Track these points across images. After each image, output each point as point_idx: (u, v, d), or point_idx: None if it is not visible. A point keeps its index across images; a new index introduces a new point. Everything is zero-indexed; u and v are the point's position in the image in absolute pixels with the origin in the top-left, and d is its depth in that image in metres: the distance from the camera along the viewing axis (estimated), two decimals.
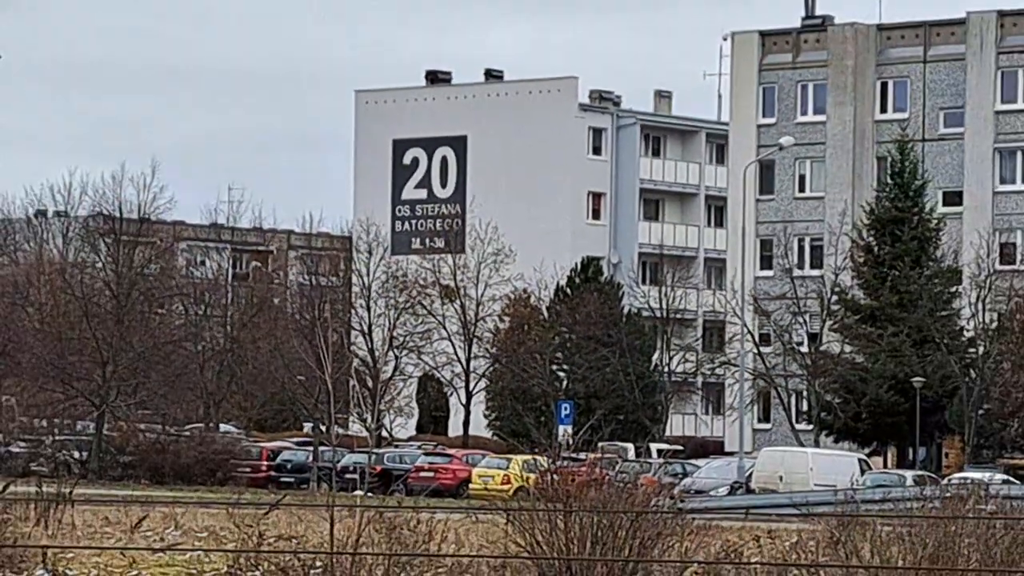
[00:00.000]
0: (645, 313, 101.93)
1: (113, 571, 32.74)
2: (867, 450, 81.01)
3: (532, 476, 47.04)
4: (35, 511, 36.99)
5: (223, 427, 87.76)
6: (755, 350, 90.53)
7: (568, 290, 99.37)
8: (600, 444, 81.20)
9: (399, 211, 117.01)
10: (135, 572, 32.95)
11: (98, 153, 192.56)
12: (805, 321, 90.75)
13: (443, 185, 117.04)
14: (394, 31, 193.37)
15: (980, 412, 79.63)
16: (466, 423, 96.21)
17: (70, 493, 41.07)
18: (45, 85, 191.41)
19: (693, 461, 79.02)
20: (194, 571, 32.07)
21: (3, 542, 31.14)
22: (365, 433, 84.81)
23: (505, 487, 62.44)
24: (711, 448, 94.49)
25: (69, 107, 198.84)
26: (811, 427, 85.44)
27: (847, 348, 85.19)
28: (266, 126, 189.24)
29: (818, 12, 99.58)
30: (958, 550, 25.14)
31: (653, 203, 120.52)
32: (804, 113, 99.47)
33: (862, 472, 68.32)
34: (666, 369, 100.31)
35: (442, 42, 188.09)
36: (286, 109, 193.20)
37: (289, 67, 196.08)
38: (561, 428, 79.59)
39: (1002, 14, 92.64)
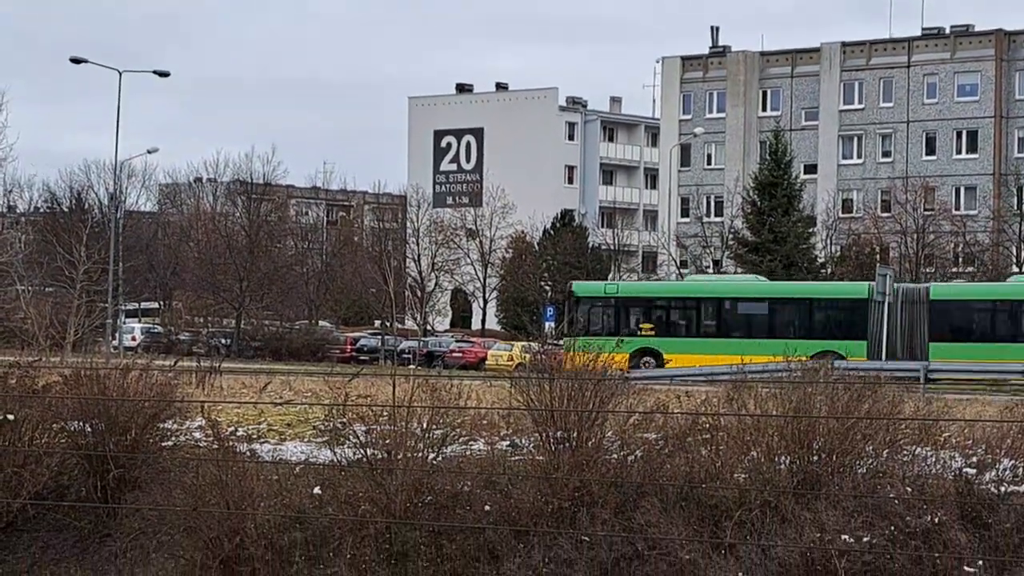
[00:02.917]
0: (603, 247, 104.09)
1: (247, 418, 32.74)
2: None
3: (528, 356, 46.63)
4: (195, 378, 37.16)
5: (321, 323, 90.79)
6: (677, 272, 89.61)
7: (551, 232, 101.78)
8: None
9: (438, 179, 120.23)
10: (263, 419, 32.53)
11: (236, 138, 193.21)
12: (711, 252, 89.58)
13: (467, 161, 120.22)
14: (432, 54, 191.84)
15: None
16: (483, 320, 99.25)
17: (219, 366, 41.24)
18: (203, 91, 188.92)
19: None
20: (302, 419, 31.79)
21: (175, 399, 30.63)
22: (415, 327, 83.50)
23: (509, 363, 62.23)
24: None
25: (217, 106, 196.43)
26: None
27: (739, 270, 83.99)
28: (348, 119, 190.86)
29: (720, 43, 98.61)
30: (813, 404, 24.86)
31: (608, 173, 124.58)
32: (711, 112, 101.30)
33: None
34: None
35: (467, 62, 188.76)
36: (360, 108, 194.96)
37: (361, 79, 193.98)
38: (547, 324, 79.32)
39: (844, 44, 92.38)
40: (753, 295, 57.40)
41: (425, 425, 28.18)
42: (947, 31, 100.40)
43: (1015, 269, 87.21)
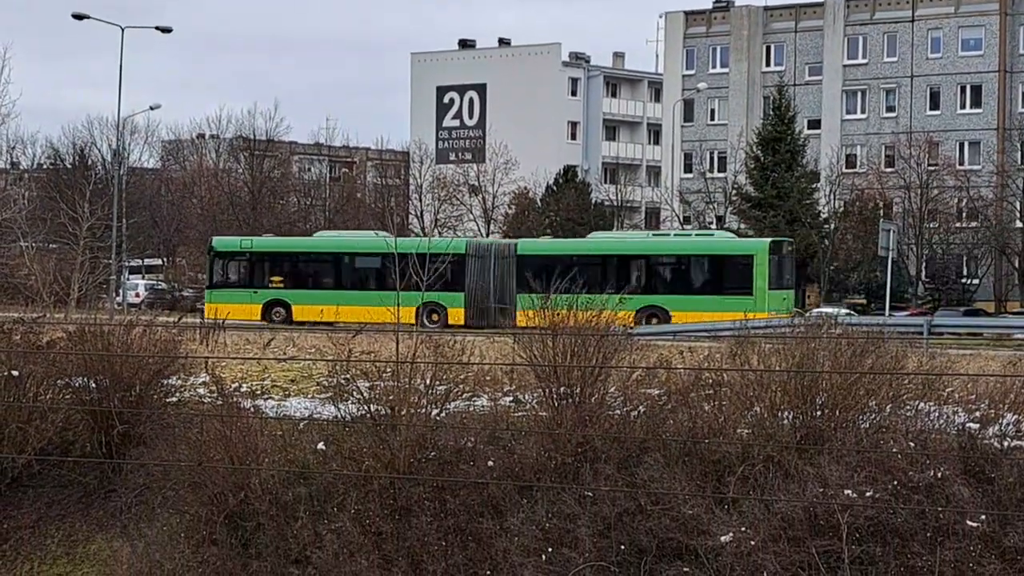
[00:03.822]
0: (606, 203, 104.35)
1: (251, 375, 32.86)
2: None
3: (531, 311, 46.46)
4: (199, 335, 37.03)
5: None
6: (680, 227, 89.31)
7: (554, 187, 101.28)
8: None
9: (441, 135, 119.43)
10: (267, 375, 32.65)
11: (239, 95, 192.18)
12: (714, 207, 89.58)
13: (470, 117, 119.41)
14: (434, 9, 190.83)
15: (831, 268, 79.01)
16: None
17: (222, 323, 40.81)
18: (205, 48, 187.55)
19: None
20: (305, 375, 31.90)
21: (179, 355, 30.71)
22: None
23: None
24: None
25: (219, 62, 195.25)
26: None
27: (742, 226, 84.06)
28: (349, 75, 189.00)
29: None
30: (816, 359, 24.92)
31: (612, 128, 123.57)
32: (714, 67, 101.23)
33: None
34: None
35: (470, 18, 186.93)
36: (362, 64, 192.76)
37: (364, 37, 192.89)
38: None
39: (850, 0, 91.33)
40: (369, 251, 59.84)
41: (428, 381, 28.27)
42: None
43: (1019, 224, 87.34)
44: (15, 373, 30.60)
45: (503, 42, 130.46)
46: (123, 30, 64.51)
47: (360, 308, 48.72)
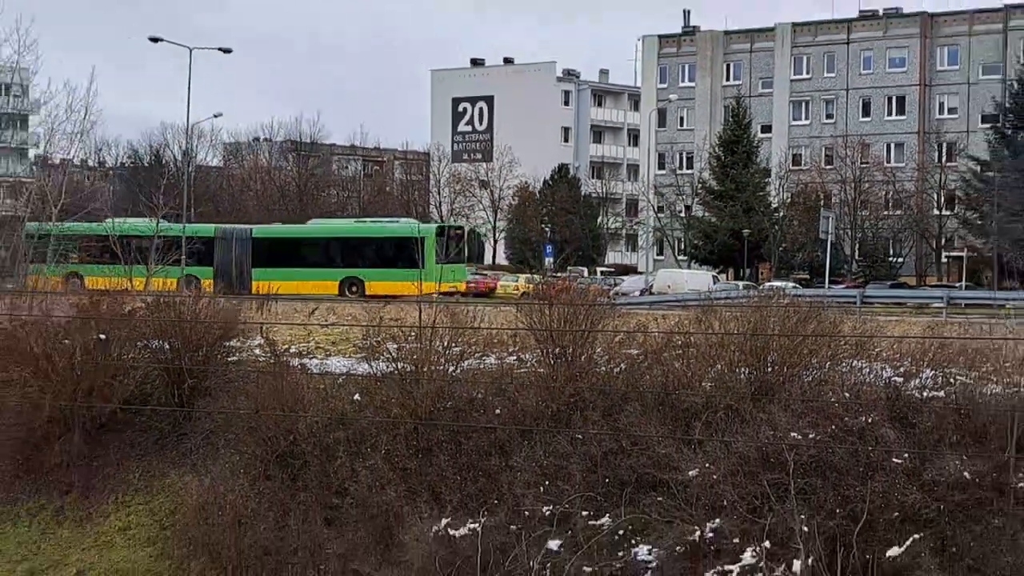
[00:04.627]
0: (593, 195, 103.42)
1: (298, 338, 32.91)
2: (717, 270, 79.93)
3: (531, 285, 46.57)
4: (255, 305, 36.86)
5: None
6: (655, 216, 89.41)
7: (550, 183, 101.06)
8: (568, 268, 79.47)
9: (456, 138, 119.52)
10: (311, 338, 32.68)
11: (288, 102, 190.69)
12: (683, 199, 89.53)
13: (480, 123, 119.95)
14: (457, 32, 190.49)
15: (780, 249, 78.78)
16: (494, 256, 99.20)
17: (274, 295, 40.71)
18: (260, 63, 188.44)
19: (620, 277, 78.47)
20: (344, 338, 31.94)
21: (238, 321, 30.72)
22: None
23: (516, 291, 61.64)
24: (630, 270, 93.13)
25: (272, 76, 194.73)
26: (686, 258, 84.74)
27: (706, 214, 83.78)
28: (378, 87, 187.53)
29: (691, 24, 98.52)
30: (767, 324, 24.88)
31: (598, 133, 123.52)
32: (683, 81, 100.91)
33: (714, 282, 67.44)
34: (605, 226, 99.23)
35: (480, 38, 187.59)
36: (390, 77, 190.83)
37: (385, 51, 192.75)
38: (546, 259, 78.98)
39: (795, 24, 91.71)
40: (137, 233, 57.24)
41: (446, 343, 28.34)
42: (880, 13, 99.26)
43: (935, 212, 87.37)
44: (103, 336, 30.62)
45: (507, 60, 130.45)
46: (191, 51, 64.40)
47: (139, 279, 48.76)
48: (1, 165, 64.68)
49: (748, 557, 22.12)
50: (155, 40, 63.42)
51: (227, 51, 65.12)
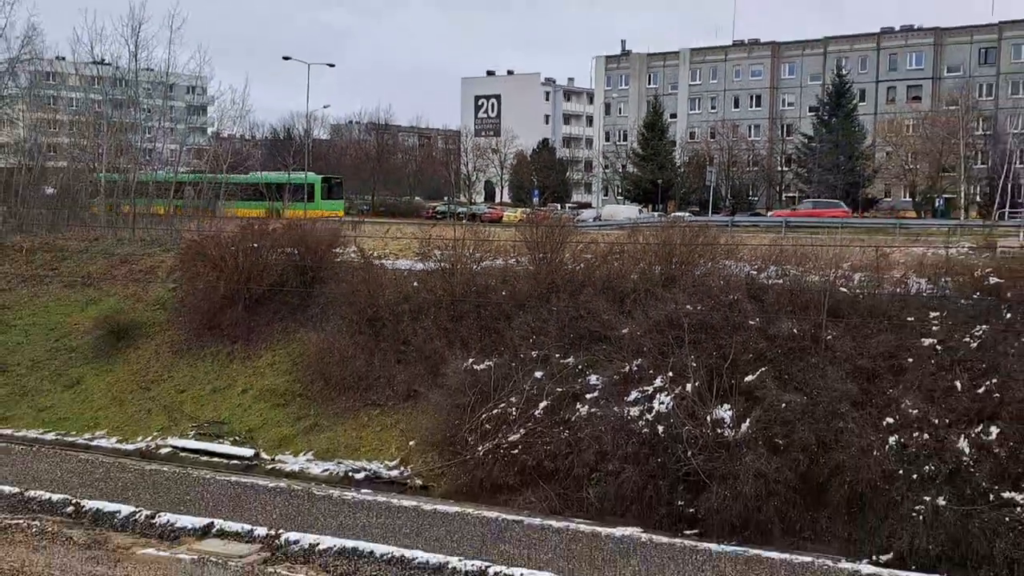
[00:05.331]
0: (564, 159, 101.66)
1: (379, 247, 32.73)
2: (642, 205, 79.47)
3: (525, 215, 46.20)
4: (351, 225, 36.46)
5: (416, 198, 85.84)
6: (603, 171, 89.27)
7: (537, 150, 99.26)
8: (547, 204, 79.38)
9: (476, 122, 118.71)
10: (387, 247, 32.76)
11: (370, 97, 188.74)
12: (621, 160, 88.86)
13: (492, 112, 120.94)
14: (479, 53, 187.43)
15: (681, 191, 78.47)
16: (501, 196, 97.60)
17: (363, 219, 40.48)
18: (352, 69, 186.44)
19: (581, 210, 78.07)
20: (407, 247, 31.69)
21: (341, 235, 30.67)
22: (465, 200, 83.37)
23: (515, 219, 61.38)
24: (587, 205, 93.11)
25: (362, 78, 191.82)
26: (622, 198, 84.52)
27: (635, 170, 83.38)
28: (429, 87, 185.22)
29: (627, 48, 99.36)
30: (673, 238, 24.85)
31: (568, 118, 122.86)
32: (621, 85, 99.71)
33: (639, 213, 67.25)
34: (571, 178, 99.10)
35: (492, 56, 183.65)
36: (435, 80, 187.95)
37: (431, 65, 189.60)
38: (534, 199, 78.53)
39: (692, 50, 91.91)
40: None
41: (471, 250, 28.37)
42: (746, 41, 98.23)
43: (779, 169, 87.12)
44: (255, 245, 30.64)
45: (510, 72, 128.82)
46: (309, 66, 63.88)
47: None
48: (191, 138, 64.62)
49: (658, 382, 22.12)
50: (286, 58, 62.89)
51: (331, 65, 64.31)
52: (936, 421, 19.70)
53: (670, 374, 21.99)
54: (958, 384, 20.20)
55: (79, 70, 52.03)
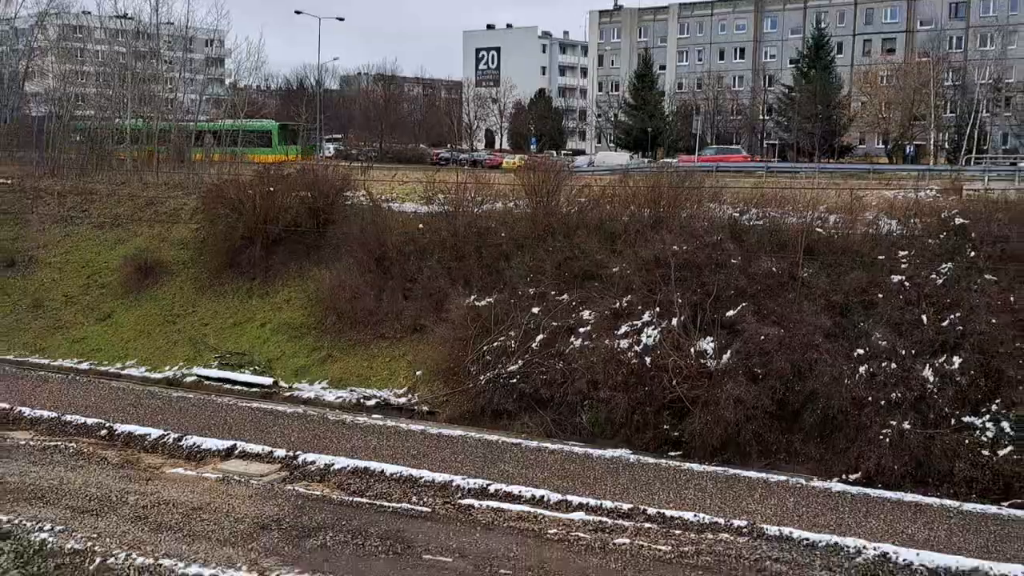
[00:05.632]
0: (560, 108, 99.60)
1: (386, 190, 32.51)
2: (632, 152, 78.81)
3: (523, 161, 45.75)
4: (360, 171, 36.26)
5: (421, 146, 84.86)
6: (596, 120, 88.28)
7: (534, 100, 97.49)
8: (544, 150, 78.71)
9: (478, 73, 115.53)
10: (394, 191, 32.51)
11: (377, 50, 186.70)
12: (614, 110, 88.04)
13: (493, 64, 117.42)
14: (473, 3, 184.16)
15: (669, 139, 77.73)
16: (501, 144, 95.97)
17: (371, 165, 40.11)
18: (358, 25, 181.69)
19: (575, 156, 77.30)
20: (413, 191, 31.46)
21: (351, 179, 30.39)
22: (467, 148, 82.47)
23: (514, 165, 60.92)
24: (581, 152, 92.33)
25: (369, 31, 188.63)
26: (614, 145, 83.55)
27: (626, 119, 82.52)
28: (432, 40, 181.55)
29: (620, 3, 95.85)
30: (661, 182, 24.70)
31: (563, 69, 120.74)
32: (614, 38, 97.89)
33: (630, 159, 66.84)
34: (567, 126, 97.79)
35: (492, 10, 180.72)
36: (439, 34, 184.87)
37: (436, 18, 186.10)
38: (532, 146, 77.83)
39: (680, 5, 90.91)
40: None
41: (473, 194, 28.18)
42: None
43: (761, 117, 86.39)
44: (272, 189, 30.48)
45: (508, 25, 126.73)
46: (320, 20, 63.07)
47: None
48: (210, 88, 63.90)
49: (646, 317, 22.16)
50: (298, 12, 61.75)
51: (341, 19, 63.52)
52: (903, 352, 19.79)
53: (657, 309, 22.04)
54: (924, 318, 20.26)
55: (104, 24, 51.48)
